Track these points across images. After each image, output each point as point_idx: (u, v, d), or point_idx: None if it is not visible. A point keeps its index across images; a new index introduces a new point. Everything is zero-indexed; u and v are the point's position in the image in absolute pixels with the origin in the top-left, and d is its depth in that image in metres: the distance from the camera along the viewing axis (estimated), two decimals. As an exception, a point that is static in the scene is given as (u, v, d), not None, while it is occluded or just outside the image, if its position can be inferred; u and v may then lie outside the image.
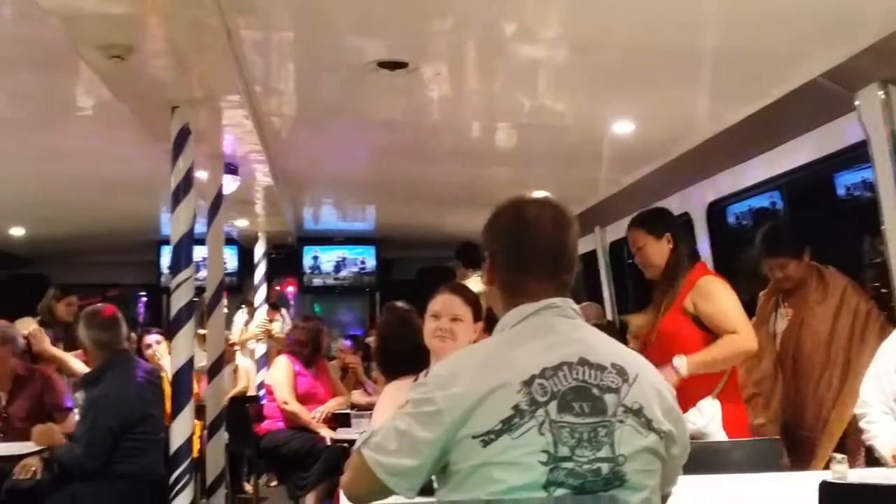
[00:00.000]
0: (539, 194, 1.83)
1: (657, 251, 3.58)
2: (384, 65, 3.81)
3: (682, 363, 3.31)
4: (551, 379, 1.62)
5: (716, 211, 5.49)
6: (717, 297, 3.45)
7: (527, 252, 1.77)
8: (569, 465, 1.59)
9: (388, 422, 1.69)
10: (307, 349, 6.20)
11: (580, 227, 1.87)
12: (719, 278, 3.59)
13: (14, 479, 4.31)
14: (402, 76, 3.96)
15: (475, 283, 6.41)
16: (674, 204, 5.88)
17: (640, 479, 1.65)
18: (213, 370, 4.97)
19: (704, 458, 2.69)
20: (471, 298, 3.07)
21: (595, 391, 1.64)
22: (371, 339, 7.00)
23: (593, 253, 7.56)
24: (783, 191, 5.12)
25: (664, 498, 1.80)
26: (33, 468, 4.32)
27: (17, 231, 8.75)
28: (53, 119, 4.90)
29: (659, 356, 3.13)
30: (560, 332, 1.71)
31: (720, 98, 4.39)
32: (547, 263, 1.77)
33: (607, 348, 1.74)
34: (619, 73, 4.08)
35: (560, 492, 1.58)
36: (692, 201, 5.62)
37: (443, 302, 3.02)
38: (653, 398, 1.70)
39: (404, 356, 3.59)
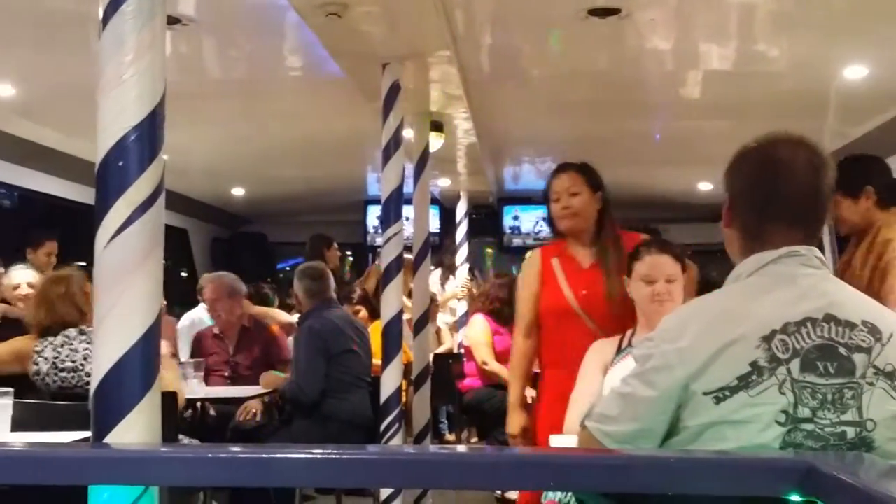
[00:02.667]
0: (794, 134, 1.65)
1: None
2: (595, 12, 3.68)
3: None
4: (794, 335, 1.50)
5: (961, 165, 4.94)
6: None
7: (773, 195, 1.63)
8: (809, 426, 1.47)
9: (612, 391, 1.64)
10: (505, 307, 6.16)
11: None
12: None
13: (237, 421, 4.64)
14: (613, 24, 3.81)
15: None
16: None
17: (891, 448, 1.51)
18: (419, 326, 5.08)
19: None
20: (678, 253, 2.97)
21: (842, 350, 1.50)
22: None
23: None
24: None
25: None
26: (254, 410, 4.63)
27: (238, 191, 9.27)
28: (268, 81, 5.11)
29: None
30: (804, 284, 1.57)
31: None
32: (795, 209, 1.62)
33: (858, 304, 1.59)
34: (851, 14, 3.75)
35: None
36: (933, 155, 5.08)
37: (652, 264, 2.90)
38: None
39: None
